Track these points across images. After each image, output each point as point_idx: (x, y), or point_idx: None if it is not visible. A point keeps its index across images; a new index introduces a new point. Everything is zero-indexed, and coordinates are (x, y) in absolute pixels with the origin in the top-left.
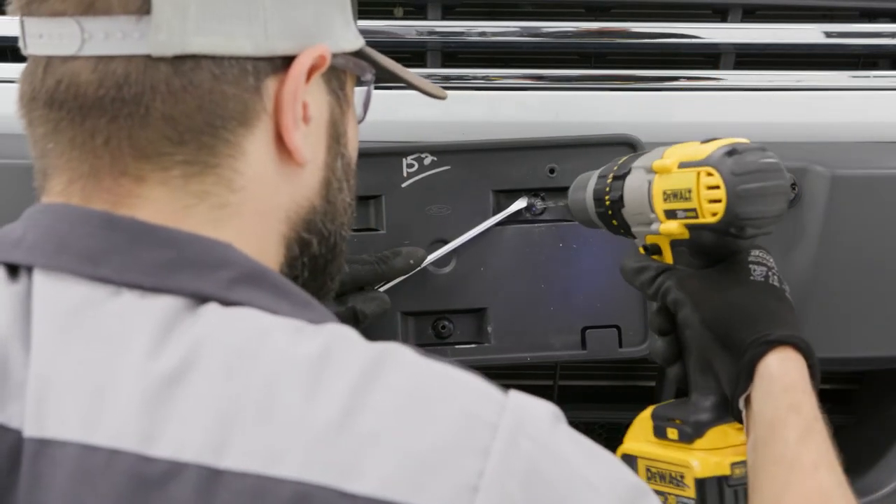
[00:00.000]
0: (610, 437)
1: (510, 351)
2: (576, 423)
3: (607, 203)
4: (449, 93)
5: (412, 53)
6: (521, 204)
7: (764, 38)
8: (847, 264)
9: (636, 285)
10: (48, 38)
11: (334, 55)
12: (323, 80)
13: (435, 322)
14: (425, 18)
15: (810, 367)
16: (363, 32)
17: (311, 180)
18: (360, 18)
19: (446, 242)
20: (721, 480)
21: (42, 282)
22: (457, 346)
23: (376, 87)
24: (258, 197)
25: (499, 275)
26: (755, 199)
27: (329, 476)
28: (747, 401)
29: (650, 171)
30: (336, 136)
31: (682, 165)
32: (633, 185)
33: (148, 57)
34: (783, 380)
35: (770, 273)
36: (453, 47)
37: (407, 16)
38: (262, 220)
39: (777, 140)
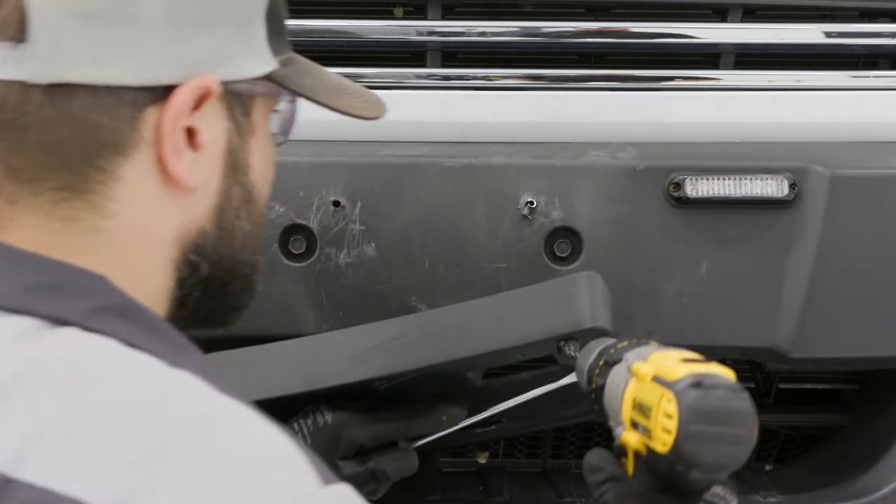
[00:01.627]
0: (609, 436)
1: None
2: (577, 425)
3: (593, 387)
4: (449, 93)
5: (412, 53)
6: (571, 378)
7: (764, 38)
8: (847, 264)
9: (588, 482)
10: None
11: (235, 82)
12: (222, 107)
13: None
14: (425, 18)
15: None
16: (363, 32)
17: (203, 205)
18: (360, 18)
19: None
20: None
21: None
22: None
23: (375, 87)
24: (136, 222)
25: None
26: (707, 443)
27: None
28: None
29: (629, 371)
30: (234, 164)
31: (655, 379)
32: (614, 380)
33: (24, 83)
34: None
35: None
36: (453, 47)
37: (407, 16)
38: (142, 244)
39: (777, 140)
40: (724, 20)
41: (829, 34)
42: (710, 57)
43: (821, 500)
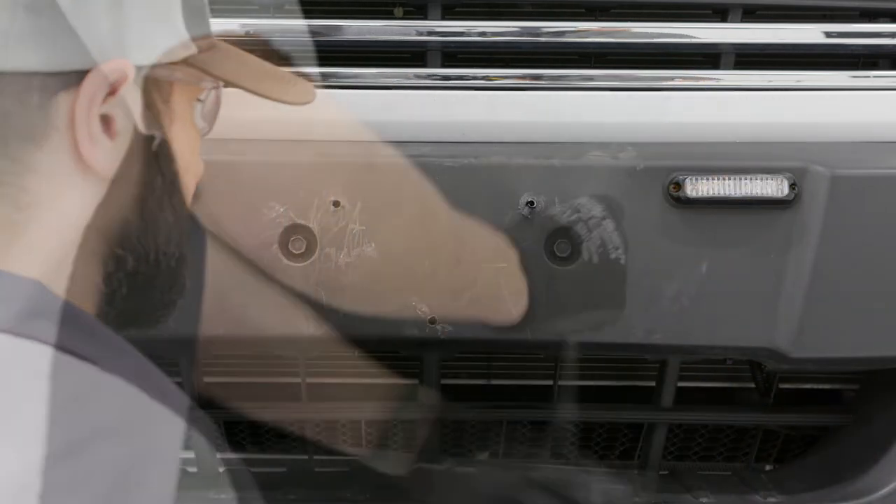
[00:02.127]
0: (610, 436)
1: None
2: (576, 423)
3: None
4: (449, 93)
5: (412, 53)
6: None
7: (764, 38)
8: (847, 264)
9: None
10: None
11: (151, 66)
12: (140, 93)
13: None
14: (425, 18)
15: None
16: (363, 32)
17: (124, 195)
18: (359, 18)
19: None
20: None
21: None
22: None
23: (375, 88)
24: (52, 214)
25: None
26: None
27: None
28: None
29: None
30: (154, 152)
31: None
32: None
33: None
34: None
35: None
36: (453, 47)
37: (407, 16)
38: (62, 236)
39: (777, 140)
40: (724, 20)
41: (829, 34)
42: (710, 57)
43: (821, 500)
